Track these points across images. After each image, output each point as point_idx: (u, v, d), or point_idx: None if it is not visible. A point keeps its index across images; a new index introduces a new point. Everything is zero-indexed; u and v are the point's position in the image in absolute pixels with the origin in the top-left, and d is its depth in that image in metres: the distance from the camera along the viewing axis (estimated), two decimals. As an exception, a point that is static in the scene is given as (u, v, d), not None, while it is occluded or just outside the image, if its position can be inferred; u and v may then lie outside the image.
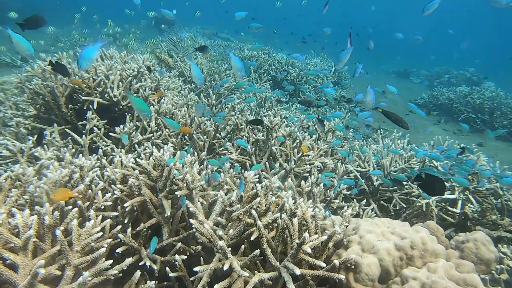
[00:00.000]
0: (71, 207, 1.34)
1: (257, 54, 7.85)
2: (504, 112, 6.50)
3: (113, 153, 2.21)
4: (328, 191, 2.26)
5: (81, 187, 1.45)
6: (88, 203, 1.44)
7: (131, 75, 3.01)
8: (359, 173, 2.89)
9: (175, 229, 1.70)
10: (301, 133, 3.16)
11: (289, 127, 3.14)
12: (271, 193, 1.73)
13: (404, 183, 2.71)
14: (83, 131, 2.41)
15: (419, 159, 2.95)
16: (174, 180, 1.60)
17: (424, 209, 2.43)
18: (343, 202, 2.56)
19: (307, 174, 2.51)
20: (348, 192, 2.46)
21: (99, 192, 1.51)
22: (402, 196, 2.70)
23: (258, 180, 2.08)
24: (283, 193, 1.67)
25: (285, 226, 1.40)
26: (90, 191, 1.51)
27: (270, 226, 1.56)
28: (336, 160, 2.96)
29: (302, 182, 2.22)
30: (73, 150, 2.31)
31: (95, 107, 2.71)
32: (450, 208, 2.41)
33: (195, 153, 2.40)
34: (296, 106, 5.48)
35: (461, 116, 6.89)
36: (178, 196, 1.54)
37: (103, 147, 2.34)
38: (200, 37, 10.95)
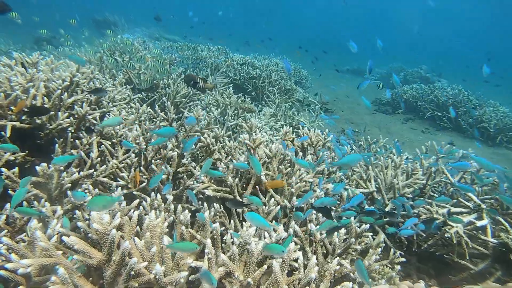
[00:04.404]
0: None
1: (213, 55, 7.18)
2: (468, 110, 6.44)
3: (32, 205, 1.46)
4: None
5: None
6: None
7: (60, 87, 2.24)
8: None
9: None
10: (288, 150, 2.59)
11: (270, 141, 2.55)
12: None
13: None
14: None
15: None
16: (133, 271, 0.93)
17: (454, 241, 1.96)
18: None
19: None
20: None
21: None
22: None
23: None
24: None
25: None
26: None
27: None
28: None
29: (311, 225, 1.64)
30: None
31: (8, 135, 1.92)
32: (482, 237, 1.97)
33: (158, 195, 1.71)
34: (264, 112, 4.91)
35: (426, 114, 6.74)
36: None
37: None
38: (147, 39, 10.04)
